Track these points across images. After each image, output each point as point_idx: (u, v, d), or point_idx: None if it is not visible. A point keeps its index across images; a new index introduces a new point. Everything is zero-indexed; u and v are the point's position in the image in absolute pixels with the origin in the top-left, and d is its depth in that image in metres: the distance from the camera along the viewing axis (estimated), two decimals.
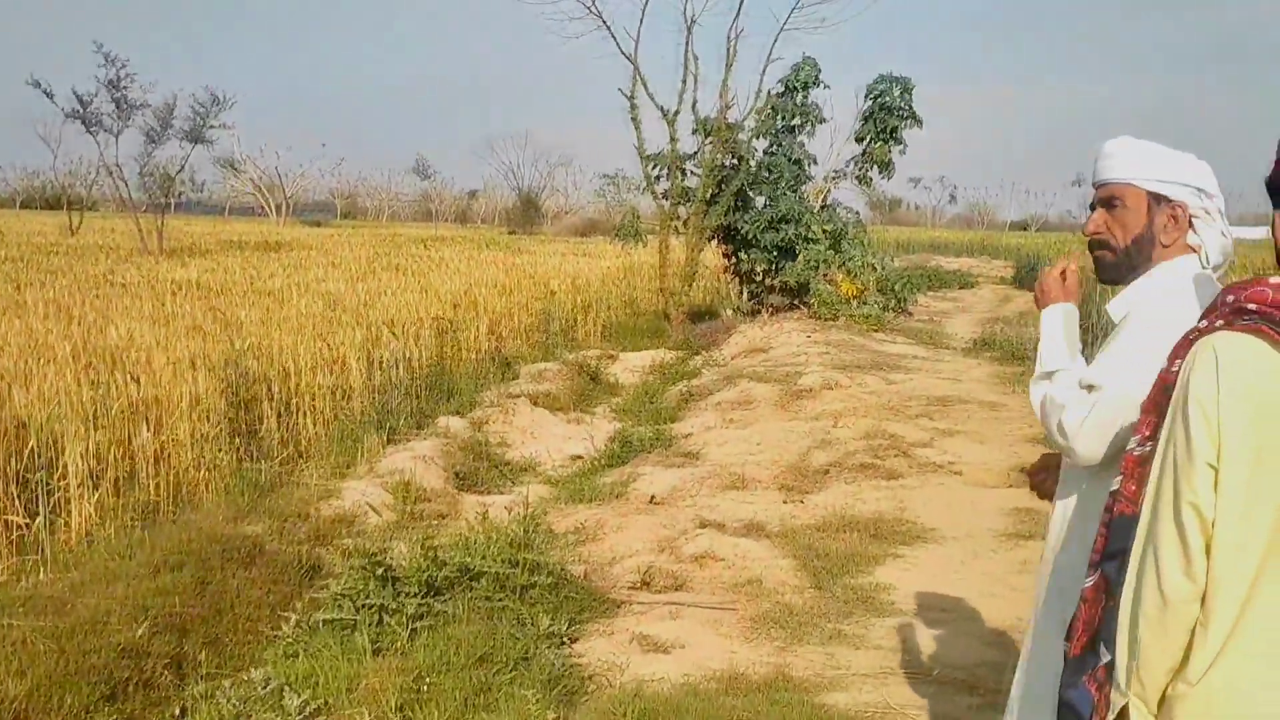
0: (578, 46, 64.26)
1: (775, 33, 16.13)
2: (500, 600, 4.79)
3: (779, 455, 8.14)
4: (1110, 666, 1.82)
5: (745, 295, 16.44)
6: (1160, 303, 2.24)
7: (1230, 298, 1.76)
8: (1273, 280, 1.69)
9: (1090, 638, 1.91)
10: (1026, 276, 26.31)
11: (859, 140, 16.17)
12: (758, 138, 15.90)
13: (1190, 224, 2.28)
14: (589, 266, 20.55)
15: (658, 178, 16.13)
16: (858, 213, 17.02)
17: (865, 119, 16.07)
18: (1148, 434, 1.83)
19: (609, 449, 8.80)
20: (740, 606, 5.17)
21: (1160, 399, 1.81)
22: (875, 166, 16.02)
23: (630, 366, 13.23)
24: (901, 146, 15.93)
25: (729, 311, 16.59)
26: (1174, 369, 1.79)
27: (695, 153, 15.91)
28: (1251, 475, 1.66)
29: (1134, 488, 1.84)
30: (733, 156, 15.79)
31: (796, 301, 15.83)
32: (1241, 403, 1.66)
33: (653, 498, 7.07)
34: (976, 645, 4.73)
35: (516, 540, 5.05)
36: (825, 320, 14.76)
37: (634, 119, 15.85)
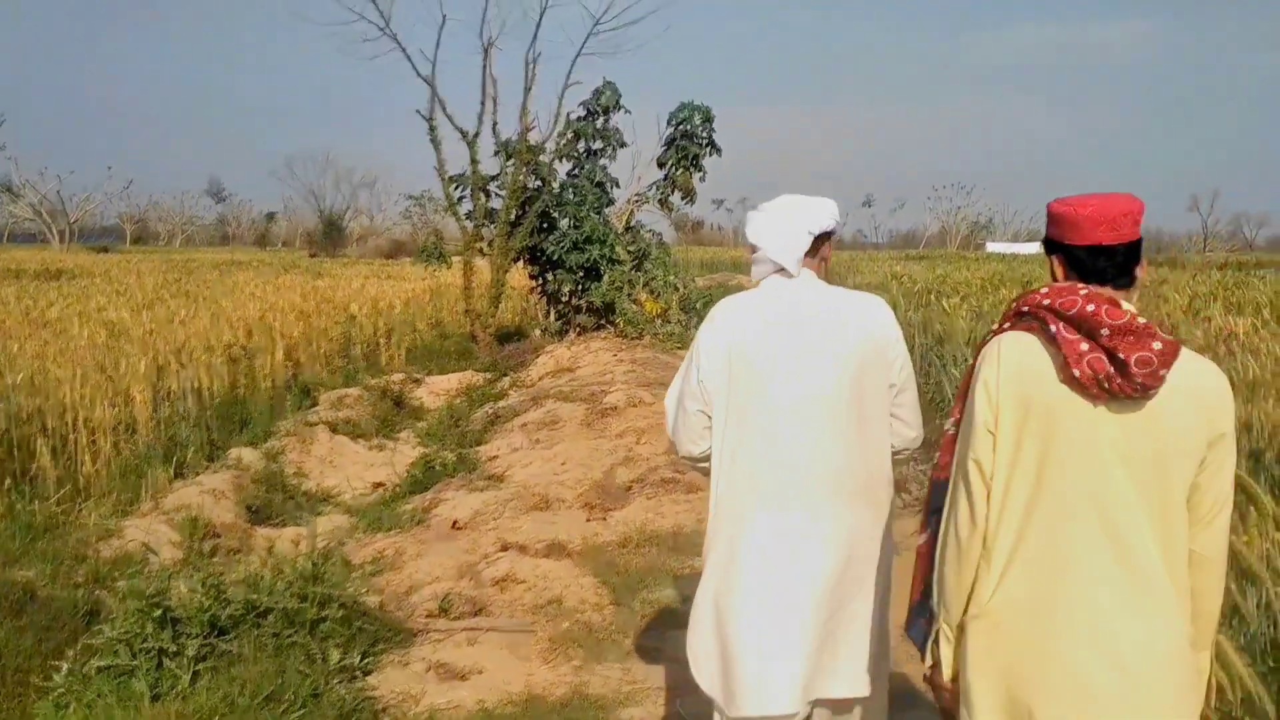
0: (378, 64, 63.08)
1: (573, 57, 16.28)
2: (289, 636, 4.63)
3: (584, 474, 8.17)
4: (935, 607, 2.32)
5: (553, 315, 16.47)
6: None
7: (1016, 305, 2.31)
8: (1041, 290, 2.26)
9: (925, 587, 2.40)
10: None
11: (661, 165, 16.44)
12: (560, 160, 15.97)
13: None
14: (394, 289, 20.19)
15: (460, 199, 16.01)
16: (660, 234, 17.29)
17: (668, 145, 16.35)
18: (958, 417, 2.35)
19: (411, 475, 8.65)
20: (540, 628, 5.16)
21: (966, 388, 2.33)
22: (677, 191, 16.31)
23: (436, 390, 13.05)
24: (702, 174, 16.27)
25: (537, 332, 16.61)
26: (975, 364, 2.30)
27: (498, 174, 15.87)
28: (1018, 437, 2.17)
29: (946, 459, 2.38)
30: (536, 178, 15.82)
31: (604, 321, 15.95)
32: (1011, 382, 2.19)
33: (455, 523, 6.98)
34: None
35: (307, 573, 4.90)
36: (631, 339, 14.92)
37: (434, 140, 15.70)
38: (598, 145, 15.95)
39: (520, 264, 16.59)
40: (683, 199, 16.22)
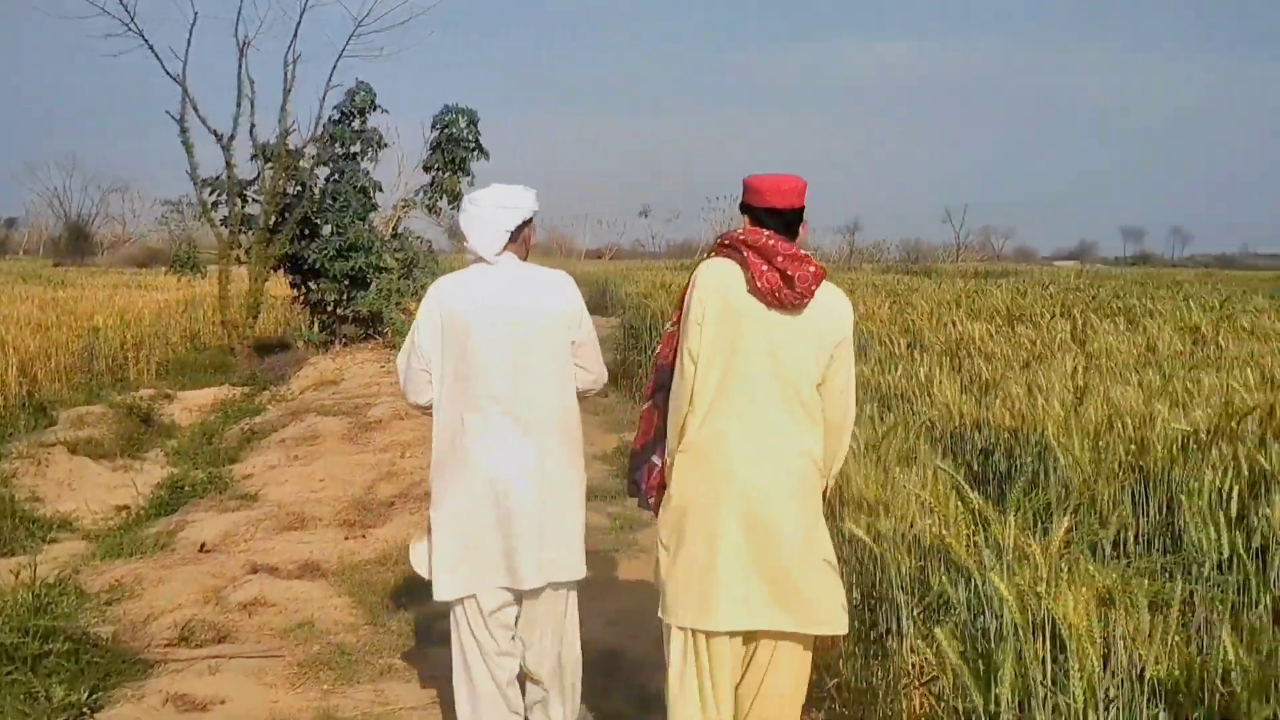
0: (130, 63, 59.60)
1: (334, 59, 15.84)
2: (9, 674, 4.29)
3: (343, 490, 7.93)
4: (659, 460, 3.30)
5: (316, 326, 15.94)
6: None
7: (720, 240, 3.26)
8: (738, 230, 3.23)
9: (645, 443, 3.36)
10: (598, 302, 27.41)
11: (427, 170, 16.17)
12: (320, 164, 15.49)
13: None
14: (146, 299, 19.08)
15: (215, 205, 15.31)
16: (430, 241, 17.03)
17: (434, 149, 16.11)
18: (676, 318, 3.27)
19: (158, 497, 8.18)
20: (288, 652, 4.96)
21: (682, 299, 3.24)
22: (445, 196, 16.08)
23: (190, 405, 12.41)
24: (470, 178, 16.11)
25: (300, 343, 16.02)
26: (690, 282, 3.22)
27: (256, 179, 15.27)
28: (716, 329, 3.12)
29: (666, 349, 3.32)
30: (296, 183, 15.30)
31: (371, 331, 15.56)
32: (714, 293, 3.14)
33: (203, 546, 6.64)
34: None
35: (28, 605, 4.55)
36: (397, 349, 14.61)
37: (185, 143, 14.95)
38: (356, 148, 15.55)
39: (281, 273, 16.00)
40: (451, 204, 15.99)
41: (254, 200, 15.41)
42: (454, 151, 15.83)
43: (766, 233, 3.13)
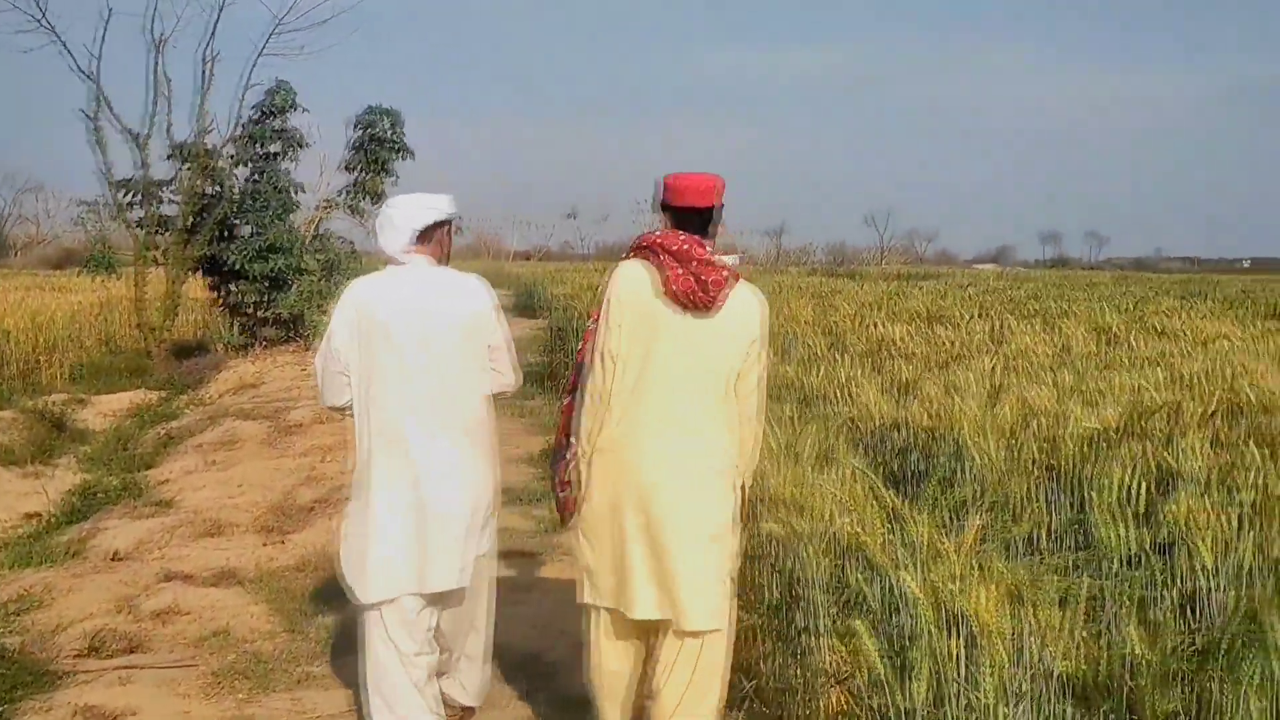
0: (43, 60, 57.99)
1: (253, 57, 15.58)
2: None
3: (262, 496, 7.80)
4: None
5: (236, 329, 15.65)
6: None
7: (637, 242, 3.33)
8: (655, 233, 3.30)
9: (564, 438, 3.42)
10: (526, 303, 27.28)
11: (350, 170, 15.98)
12: (239, 165, 15.22)
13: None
14: (59, 301, 18.58)
15: (130, 205, 14.97)
16: (353, 243, 16.84)
17: (356, 149, 15.92)
18: (596, 317, 3.32)
19: (69, 504, 7.97)
20: (202, 661, 4.85)
21: (602, 300, 3.31)
22: (368, 197, 15.90)
23: (104, 410, 12.11)
24: (394, 178, 15.96)
25: (220, 346, 15.72)
26: (608, 283, 3.32)
27: (172, 179, 14.95)
28: (632, 329, 3.22)
29: (587, 348, 3.36)
30: (214, 183, 15.01)
31: (292, 334, 15.34)
32: (630, 294, 3.24)
33: (115, 554, 6.48)
34: None
35: None
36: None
37: (98, 142, 14.59)
38: (277, 148, 15.31)
39: (199, 274, 15.69)
40: (374, 205, 15.81)
41: (170, 201, 15.11)
42: (377, 152, 15.68)
43: (683, 236, 3.21)
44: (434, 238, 3.67)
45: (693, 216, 3.28)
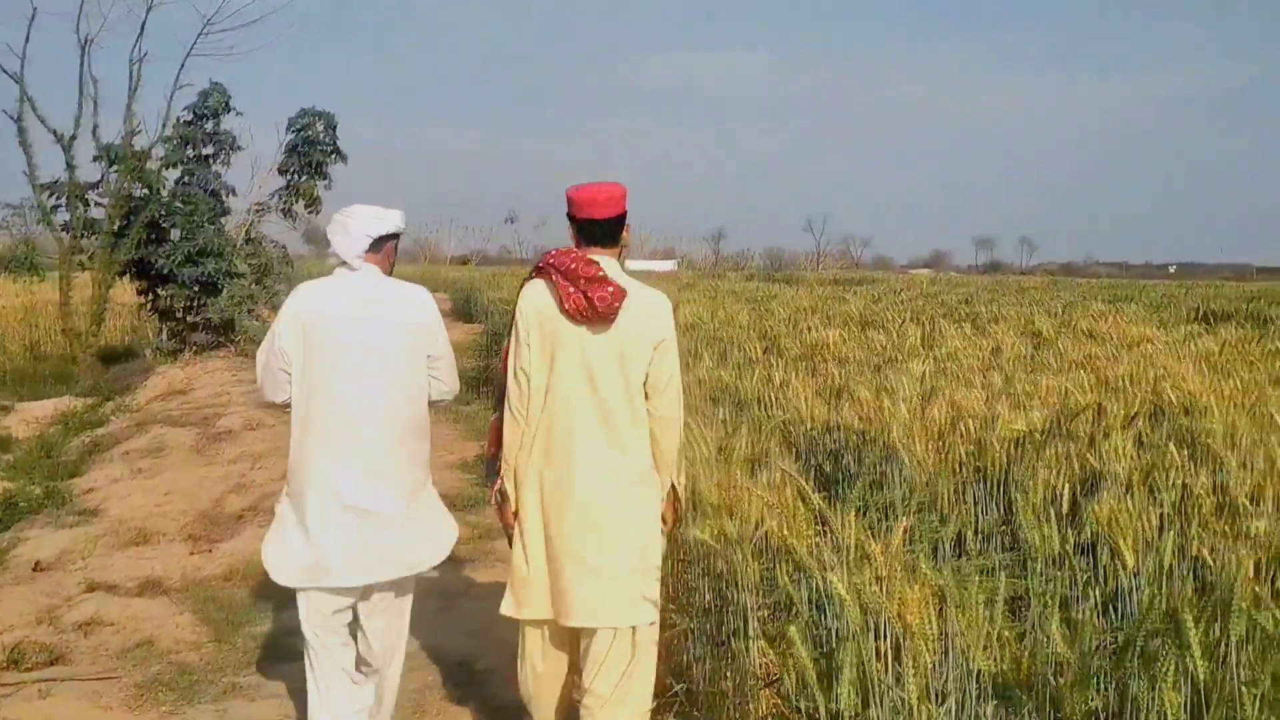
0: None
1: (183, 58, 15.33)
2: None
3: (190, 504, 7.66)
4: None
5: (166, 334, 15.37)
6: None
7: (538, 264, 3.44)
8: (551, 253, 3.41)
9: (495, 450, 3.55)
10: (463, 308, 27.12)
11: (283, 173, 15.77)
12: (169, 167, 14.95)
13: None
14: None
15: (55, 208, 14.63)
16: (285, 247, 16.61)
17: (289, 152, 15.72)
18: (512, 338, 3.44)
19: None
20: (126, 673, 4.75)
21: (517, 316, 3.43)
22: (301, 200, 15.70)
23: (28, 418, 11.84)
24: (327, 181, 15.77)
25: (149, 352, 15.42)
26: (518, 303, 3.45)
27: (100, 181, 14.65)
28: (540, 346, 3.37)
29: (506, 364, 3.47)
30: (143, 186, 14.72)
31: (222, 339, 15.08)
32: (534, 313, 3.39)
33: (37, 564, 6.34)
34: None
35: None
36: (253, 357, 14.18)
37: (23, 144, 14.29)
38: (209, 150, 15.06)
39: (127, 279, 15.38)
40: (307, 208, 15.62)
41: (98, 203, 14.80)
42: (311, 155, 15.48)
43: (574, 254, 3.35)
44: (383, 248, 3.79)
45: (596, 227, 3.40)
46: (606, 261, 3.38)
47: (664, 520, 3.48)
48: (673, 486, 3.48)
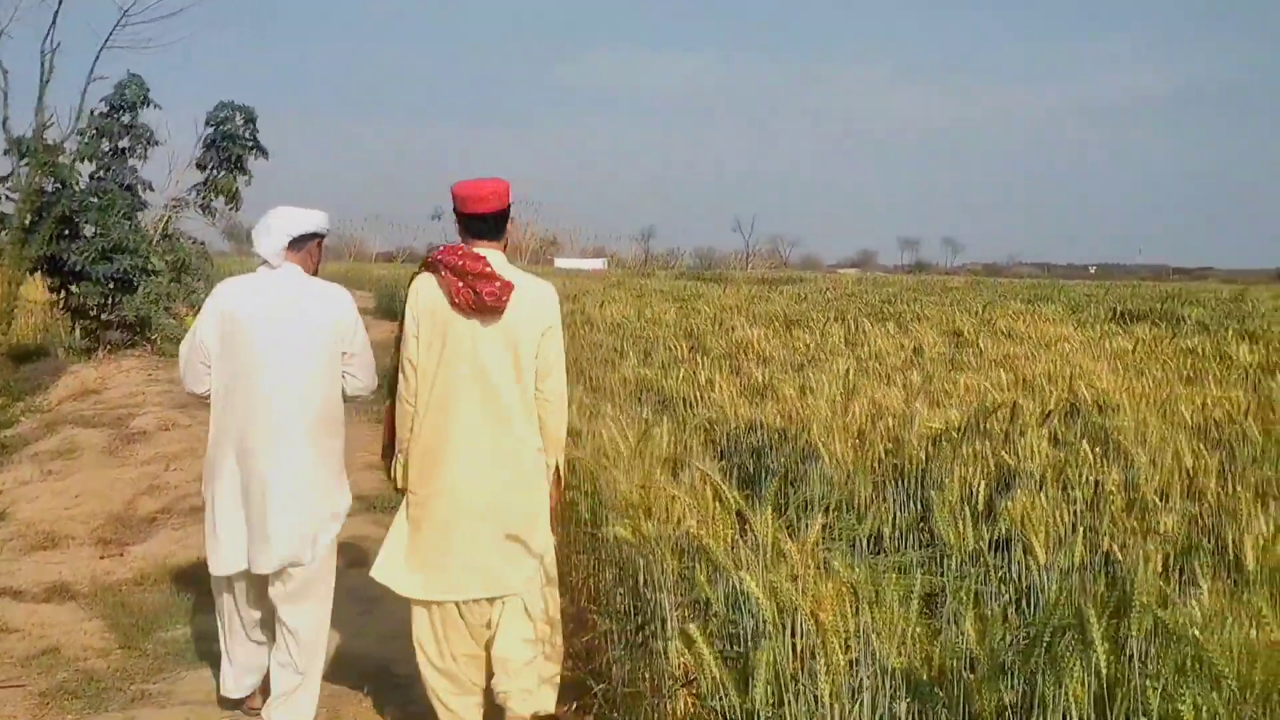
0: None
1: (98, 50, 14.93)
2: None
3: (101, 506, 7.46)
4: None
5: (79, 332, 14.96)
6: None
7: (426, 259, 3.60)
8: (439, 250, 3.58)
9: (390, 439, 3.77)
10: (388, 306, 26.76)
11: (201, 168, 15.44)
12: (83, 160, 14.55)
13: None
14: None
15: None
16: (204, 243, 16.25)
17: (208, 146, 15.39)
18: (400, 329, 3.63)
19: None
20: (30, 681, 4.60)
21: (406, 310, 3.59)
22: (220, 196, 15.38)
23: None
24: (248, 177, 15.46)
25: (60, 351, 15.00)
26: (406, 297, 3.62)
27: (9, 175, 14.21)
28: (429, 338, 3.55)
29: (399, 354, 3.66)
30: (55, 180, 14.31)
31: (138, 338, 14.71)
32: (423, 306, 3.56)
33: None
34: None
35: None
36: (170, 357, 13.86)
37: None
38: (125, 144, 14.69)
39: (39, 275, 14.95)
40: (227, 204, 15.30)
41: (8, 198, 14.33)
42: (230, 150, 15.17)
43: (461, 250, 3.53)
44: (305, 248, 3.99)
45: (480, 222, 3.59)
46: (492, 255, 3.56)
47: (550, 497, 3.73)
48: (556, 466, 3.73)
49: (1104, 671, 2.40)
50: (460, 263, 3.48)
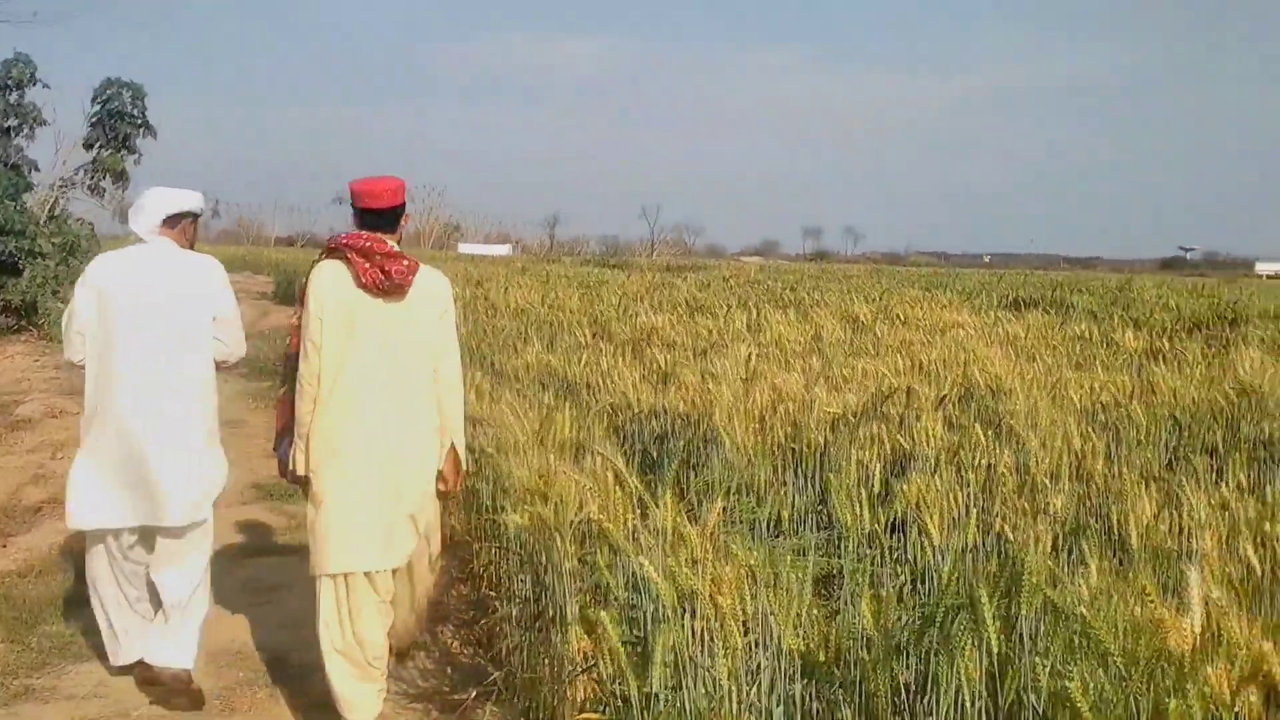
0: None
1: None
2: None
3: None
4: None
5: None
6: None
7: (329, 244, 3.76)
8: (343, 235, 3.75)
9: (284, 425, 3.85)
10: (287, 291, 26.23)
11: (89, 147, 14.95)
12: None
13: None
14: None
15: None
16: (92, 224, 15.74)
17: (95, 124, 14.90)
18: (298, 313, 3.75)
19: None
20: None
21: (303, 296, 3.72)
22: (108, 176, 14.91)
23: None
24: (136, 156, 15.01)
25: None
26: (307, 281, 3.73)
27: None
28: (334, 320, 3.62)
29: (295, 340, 3.77)
30: None
31: (24, 322, 14.21)
32: (328, 289, 3.65)
33: None
34: None
35: None
36: (58, 341, 13.39)
37: None
38: (11, 123, 14.15)
39: None
40: (115, 184, 14.84)
41: None
42: (118, 128, 14.71)
43: (365, 235, 3.70)
44: (179, 226, 4.22)
45: (377, 216, 3.76)
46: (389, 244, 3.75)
47: (445, 478, 3.85)
48: (453, 446, 3.85)
49: (996, 650, 2.46)
50: (367, 245, 3.65)
